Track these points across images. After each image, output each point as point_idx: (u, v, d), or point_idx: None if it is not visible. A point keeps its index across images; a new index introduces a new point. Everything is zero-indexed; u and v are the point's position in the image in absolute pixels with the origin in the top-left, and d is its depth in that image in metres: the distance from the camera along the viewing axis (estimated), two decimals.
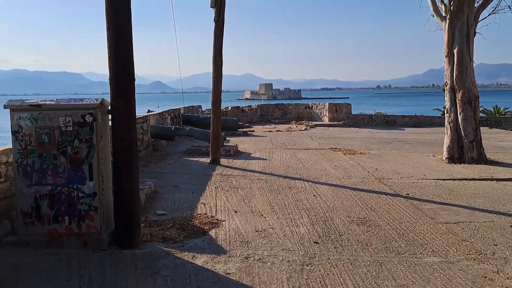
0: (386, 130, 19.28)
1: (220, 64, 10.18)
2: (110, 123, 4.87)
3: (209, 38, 10.87)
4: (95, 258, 4.43)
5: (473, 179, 8.51)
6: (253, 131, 17.97)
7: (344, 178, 8.59)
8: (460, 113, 10.48)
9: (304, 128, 19.70)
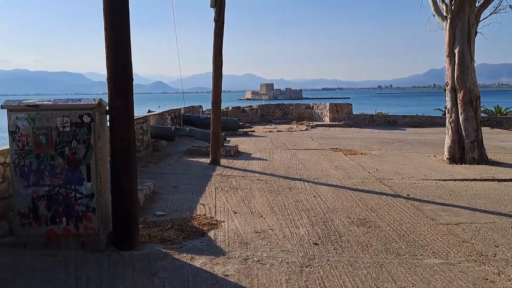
0: (387, 130, 19.23)
1: (220, 64, 10.16)
2: (108, 123, 4.84)
3: (209, 38, 10.84)
4: (92, 259, 4.41)
5: (474, 180, 8.46)
6: (253, 131, 17.95)
7: (345, 179, 8.55)
8: (461, 113, 10.44)
9: (305, 128, 19.66)
